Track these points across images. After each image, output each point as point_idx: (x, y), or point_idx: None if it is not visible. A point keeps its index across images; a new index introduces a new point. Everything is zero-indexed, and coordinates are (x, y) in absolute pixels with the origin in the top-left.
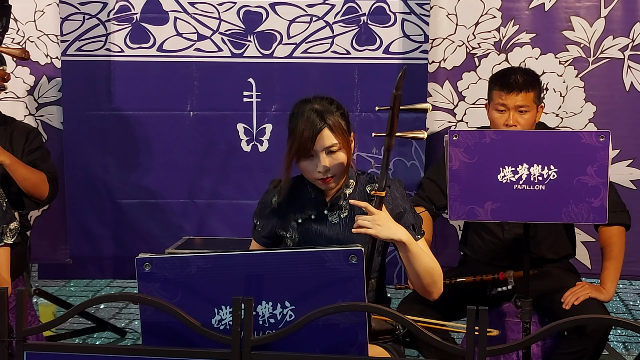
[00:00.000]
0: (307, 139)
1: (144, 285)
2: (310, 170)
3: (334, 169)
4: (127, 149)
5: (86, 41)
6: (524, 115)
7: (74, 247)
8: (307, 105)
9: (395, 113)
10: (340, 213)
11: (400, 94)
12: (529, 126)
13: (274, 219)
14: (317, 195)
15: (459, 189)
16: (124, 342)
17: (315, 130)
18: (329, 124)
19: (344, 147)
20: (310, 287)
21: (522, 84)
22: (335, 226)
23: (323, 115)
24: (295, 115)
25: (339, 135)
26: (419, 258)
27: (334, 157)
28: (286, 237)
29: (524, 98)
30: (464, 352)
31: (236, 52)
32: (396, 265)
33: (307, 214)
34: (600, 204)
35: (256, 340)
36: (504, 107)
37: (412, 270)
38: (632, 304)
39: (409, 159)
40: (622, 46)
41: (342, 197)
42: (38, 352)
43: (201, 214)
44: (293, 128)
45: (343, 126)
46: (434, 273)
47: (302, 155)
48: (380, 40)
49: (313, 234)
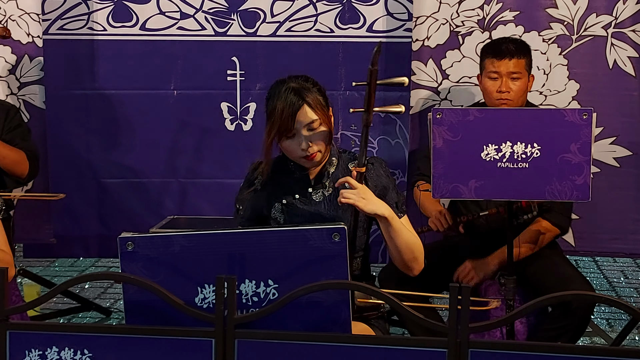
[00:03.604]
0: (287, 118)
1: (126, 265)
2: (293, 149)
3: (317, 145)
4: (110, 128)
5: (68, 20)
6: (516, 82)
7: (58, 226)
8: (283, 86)
9: (372, 88)
10: (324, 191)
11: (377, 69)
12: (521, 93)
13: (258, 201)
14: (300, 174)
15: (442, 167)
16: (109, 321)
17: (294, 108)
18: (308, 100)
19: (324, 122)
20: (293, 265)
21: (514, 51)
22: (319, 204)
23: (300, 92)
24: (272, 97)
25: (319, 110)
26: (401, 234)
27: (315, 133)
28: (271, 218)
29: (516, 64)
30: (447, 329)
31: (219, 30)
32: (381, 243)
33: (291, 194)
34: (584, 181)
35: (239, 319)
36: (496, 74)
37: (393, 245)
38: (615, 281)
39: (394, 138)
40: (605, 24)
41: (326, 175)
42: (21, 332)
43: (185, 193)
44: (272, 109)
45: (321, 101)
46: (414, 249)
47: (283, 135)
48: (363, 19)
49: (298, 214)
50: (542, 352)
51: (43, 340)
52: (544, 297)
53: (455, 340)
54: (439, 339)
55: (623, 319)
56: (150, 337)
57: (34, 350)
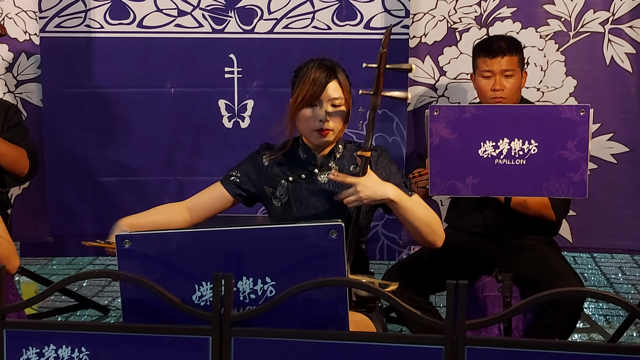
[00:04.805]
0: (319, 86)
1: (124, 262)
2: (311, 118)
3: (334, 122)
4: (107, 126)
5: (65, 17)
6: (510, 79)
7: (55, 225)
8: (316, 62)
9: (382, 71)
10: (330, 174)
11: (386, 52)
12: (515, 90)
13: (263, 176)
14: (307, 156)
15: (439, 164)
16: (107, 319)
17: (326, 79)
18: (338, 78)
19: (346, 104)
20: (290, 262)
21: (506, 48)
22: (325, 185)
23: (334, 69)
24: (303, 69)
25: (345, 91)
26: (413, 211)
27: (336, 111)
28: (274, 195)
29: (509, 62)
30: (444, 326)
31: (217, 27)
32: (378, 240)
33: (298, 173)
34: (580, 178)
35: (236, 316)
36: (490, 72)
37: (408, 224)
38: (613, 277)
39: (391, 135)
40: (602, 20)
41: (332, 158)
42: (18, 330)
43: (183, 191)
44: (302, 76)
45: (348, 86)
46: (431, 222)
47: (307, 103)
48: (361, 16)
49: (303, 194)
50: (539, 348)
51: (40, 338)
52: (542, 294)
53: (452, 337)
54: (435, 336)
55: (621, 316)
56: (147, 335)
57: (31, 348)
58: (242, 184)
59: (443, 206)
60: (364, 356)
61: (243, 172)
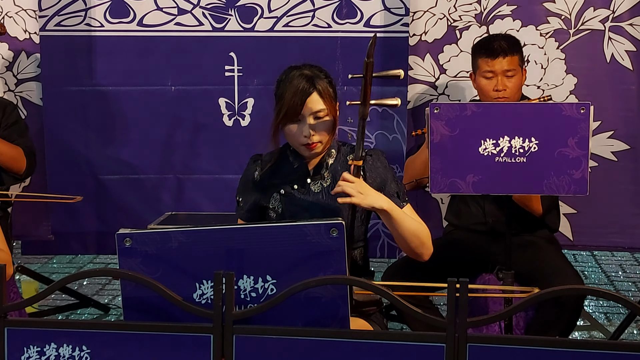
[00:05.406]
0: (297, 102)
1: (125, 261)
2: (296, 134)
3: (320, 135)
4: (108, 124)
5: (65, 16)
6: (511, 79)
7: (56, 223)
8: (297, 71)
9: (368, 81)
10: (323, 182)
11: (372, 62)
12: (516, 90)
13: (257, 191)
14: (299, 165)
15: (440, 162)
16: (108, 317)
17: (304, 94)
18: (318, 88)
19: (330, 113)
20: (291, 261)
21: (507, 48)
22: (317, 195)
23: (313, 80)
24: (283, 81)
25: (327, 101)
26: (403, 223)
27: (320, 123)
28: (269, 208)
29: (510, 62)
30: (445, 324)
31: (217, 26)
32: (379, 238)
33: (290, 184)
34: (581, 175)
35: (238, 315)
36: (491, 73)
37: (398, 235)
38: (613, 275)
39: (391, 133)
40: (602, 17)
41: (325, 166)
42: (19, 328)
43: (183, 189)
44: (282, 92)
45: (331, 93)
46: (420, 235)
47: (289, 120)
48: (361, 14)
49: (296, 204)
50: (539, 346)
51: (41, 336)
52: (543, 292)
53: (453, 335)
54: (437, 334)
55: (621, 313)
56: (148, 334)
57: (32, 346)
58: (248, 207)
59: (443, 204)
60: (366, 354)
61: (246, 196)
